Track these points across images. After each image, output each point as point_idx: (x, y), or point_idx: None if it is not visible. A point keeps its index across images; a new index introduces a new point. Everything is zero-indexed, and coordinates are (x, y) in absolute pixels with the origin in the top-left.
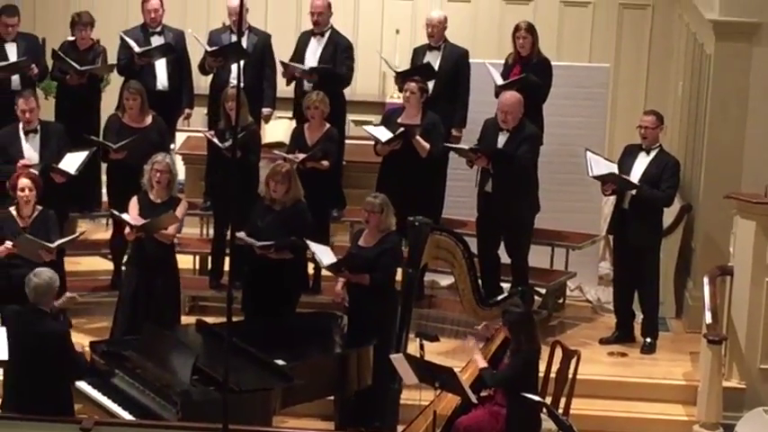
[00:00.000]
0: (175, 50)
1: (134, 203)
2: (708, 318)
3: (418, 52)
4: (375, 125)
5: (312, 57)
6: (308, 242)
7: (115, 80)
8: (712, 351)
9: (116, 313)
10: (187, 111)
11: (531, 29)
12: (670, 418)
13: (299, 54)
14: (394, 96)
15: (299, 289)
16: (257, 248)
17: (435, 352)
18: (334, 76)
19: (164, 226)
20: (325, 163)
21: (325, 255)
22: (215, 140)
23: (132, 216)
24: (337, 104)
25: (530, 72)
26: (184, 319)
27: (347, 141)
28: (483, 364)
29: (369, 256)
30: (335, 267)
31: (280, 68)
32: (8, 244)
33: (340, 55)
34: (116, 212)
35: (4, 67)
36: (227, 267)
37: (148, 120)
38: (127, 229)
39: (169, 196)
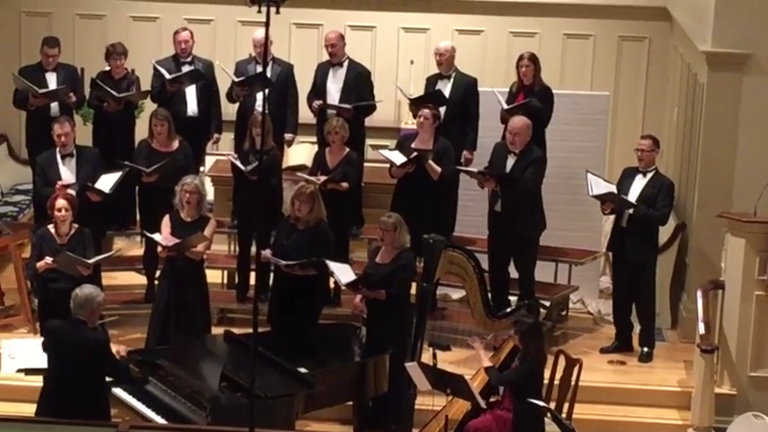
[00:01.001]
0: (204, 76)
1: (166, 222)
2: (701, 329)
3: (430, 81)
4: (390, 149)
5: (334, 87)
6: (328, 262)
7: (149, 107)
8: (705, 360)
9: (150, 324)
10: (216, 135)
11: (533, 59)
12: (666, 423)
13: (319, 86)
14: (408, 122)
15: (320, 302)
16: (283, 266)
17: (447, 360)
18: (369, 108)
19: (193, 245)
20: (345, 185)
21: (343, 274)
22: (237, 163)
23: (165, 234)
24: (358, 130)
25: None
26: (213, 330)
27: (365, 164)
28: (488, 363)
29: (385, 272)
30: (353, 286)
31: (303, 99)
32: (48, 259)
33: (365, 85)
34: (148, 234)
35: (45, 95)
36: (252, 282)
37: (175, 144)
38: (159, 248)
39: (199, 215)
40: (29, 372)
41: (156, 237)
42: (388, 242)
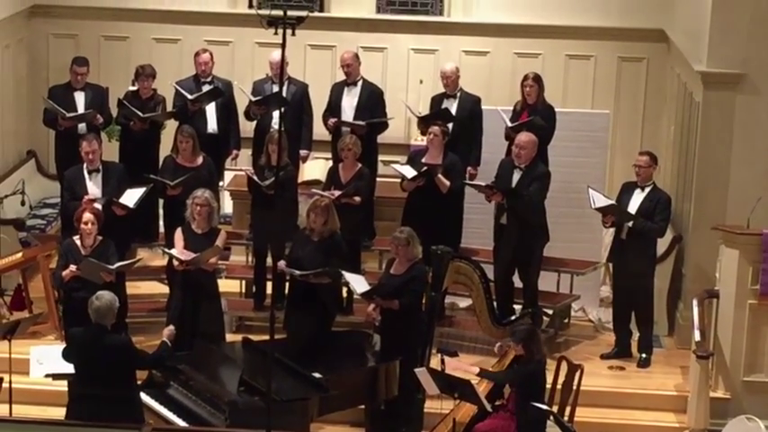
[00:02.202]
0: (222, 93)
1: (179, 235)
2: (697, 336)
3: (436, 100)
4: (401, 164)
5: (349, 106)
6: (344, 272)
7: (171, 124)
8: (701, 365)
9: None
10: (235, 152)
11: (537, 79)
12: (663, 425)
13: (334, 104)
14: (418, 139)
15: (334, 310)
16: (298, 276)
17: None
18: (381, 125)
19: (208, 258)
20: (357, 198)
21: (358, 283)
22: (254, 178)
23: (178, 247)
24: (371, 147)
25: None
26: (232, 337)
27: (377, 179)
28: (475, 369)
29: (398, 283)
30: (367, 295)
31: (317, 117)
32: (72, 267)
33: (378, 104)
34: (167, 250)
35: (73, 117)
36: (269, 291)
37: (199, 160)
38: (175, 262)
39: (210, 227)
40: (56, 377)
41: (174, 252)
42: (401, 255)
